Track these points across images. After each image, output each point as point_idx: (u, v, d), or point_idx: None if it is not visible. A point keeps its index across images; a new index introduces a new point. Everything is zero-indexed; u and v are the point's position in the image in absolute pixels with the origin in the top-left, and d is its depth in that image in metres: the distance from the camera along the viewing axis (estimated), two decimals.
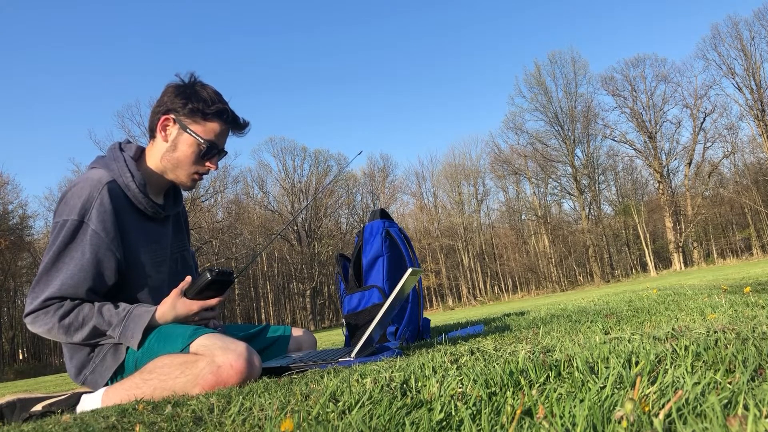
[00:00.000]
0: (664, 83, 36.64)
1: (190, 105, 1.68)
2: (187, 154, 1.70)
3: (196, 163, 1.72)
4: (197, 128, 1.69)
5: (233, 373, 1.42)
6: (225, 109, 1.73)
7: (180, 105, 1.68)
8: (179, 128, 1.69)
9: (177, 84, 1.73)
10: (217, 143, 1.73)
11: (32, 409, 1.53)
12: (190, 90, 1.70)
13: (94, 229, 1.55)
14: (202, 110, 1.68)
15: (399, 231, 2.47)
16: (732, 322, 1.28)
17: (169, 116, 1.69)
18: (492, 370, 0.91)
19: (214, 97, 1.71)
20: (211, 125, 1.71)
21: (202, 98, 1.69)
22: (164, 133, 1.70)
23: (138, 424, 0.93)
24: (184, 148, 1.70)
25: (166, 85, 1.74)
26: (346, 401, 0.84)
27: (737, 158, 36.64)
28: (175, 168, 1.72)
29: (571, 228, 40.88)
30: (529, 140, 39.79)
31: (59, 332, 1.52)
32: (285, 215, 40.87)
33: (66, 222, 1.55)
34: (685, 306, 2.16)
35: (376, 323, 1.66)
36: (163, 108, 1.70)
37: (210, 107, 1.69)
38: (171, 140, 1.70)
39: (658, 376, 0.76)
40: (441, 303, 42.50)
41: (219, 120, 1.72)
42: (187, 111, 1.68)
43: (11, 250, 29.60)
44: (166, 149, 1.71)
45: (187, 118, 1.69)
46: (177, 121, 1.69)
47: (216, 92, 1.74)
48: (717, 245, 37.87)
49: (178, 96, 1.69)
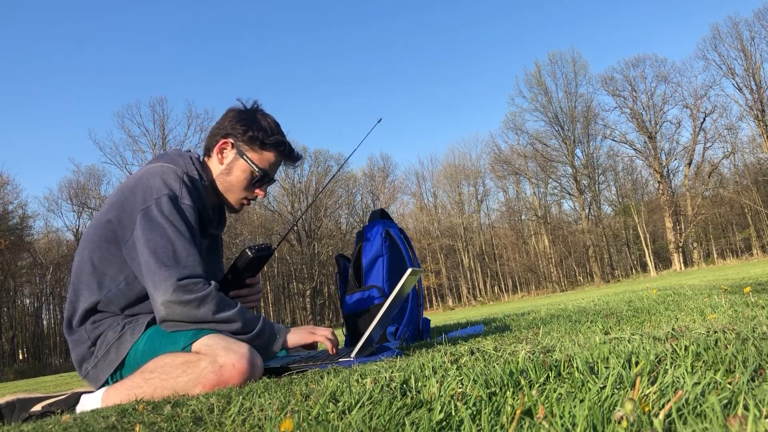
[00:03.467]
0: (664, 83, 36.68)
1: (251, 132, 1.72)
2: (240, 179, 1.74)
3: (247, 189, 1.77)
4: (254, 156, 1.74)
5: (235, 373, 1.42)
6: (283, 141, 1.77)
7: (240, 132, 1.72)
8: (236, 153, 1.73)
9: (239, 109, 1.77)
10: (270, 173, 1.77)
11: (32, 409, 1.53)
12: (252, 117, 1.75)
13: (188, 204, 1.57)
14: (261, 139, 1.73)
15: (399, 231, 2.47)
16: (732, 322, 1.28)
17: (228, 140, 1.73)
18: (492, 370, 0.91)
19: (274, 128, 1.76)
20: (268, 155, 1.75)
21: (262, 128, 1.73)
22: (221, 155, 1.75)
23: (138, 424, 0.93)
24: (238, 173, 1.74)
25: (228, 109, 1.78)
26: (346, 401, 0.84)
27: (737, 158, 36.69)
28: (227, 191, 1.76)
29: (571, 228, 40.88)
30: (529, 140, 39.82)
31: (212, 303, 1.48)
32: (285, 215, 40.87)
33: (160, 198, 1.53)
34: (685, 306, 2.16)
35: (376, 323, 1.66)
36: (223, 131, 1.74)
37: (269, 137, 1.73)
38: (226, 164, 1.74)
39: (658, 377, 0.76)
40: (441, 303, 42.50)
41: (275, 151, 1.76)
42: (247, 138, 1.72)
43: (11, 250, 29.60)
44: (220, 171, 1.75)
45: (245, 145, 1.73)
46: (235, 146, 1.73)
47: (276, 123, 1.78)
48: (717, 245, 37.86)
49: (240, 122, 1.73)
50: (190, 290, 1.47)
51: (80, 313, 1.61)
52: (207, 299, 1.48)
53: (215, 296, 1.49)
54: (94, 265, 1.61)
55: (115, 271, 1.60)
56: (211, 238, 1.86)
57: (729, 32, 34.26)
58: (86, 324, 1.61)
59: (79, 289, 1.63)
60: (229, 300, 1.55)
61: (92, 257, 1.62)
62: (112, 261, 1.60)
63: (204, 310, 1.48)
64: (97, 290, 1.60)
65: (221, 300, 1.51)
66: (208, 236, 1.81)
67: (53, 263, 34.71)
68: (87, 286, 1.62)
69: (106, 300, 1.60)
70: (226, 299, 1.53)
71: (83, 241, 1.67)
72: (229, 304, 1.53)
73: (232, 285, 1.79)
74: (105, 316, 1.62)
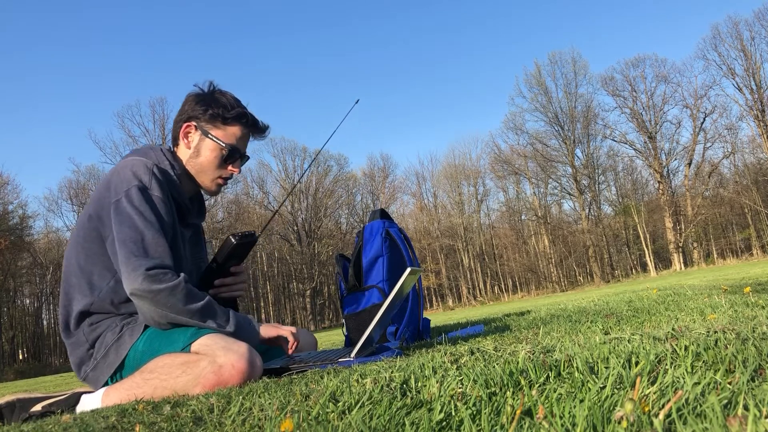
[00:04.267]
0: (664, 83, 36.65)
1: (211, 111, 1.73)
2: (210, 159, 1.74)
3: (220, 167, 1.77)
4: (218, 133, 1.74)
5: (235, 373, 1.42)
6: (244, 113, 1.77)
7: (201, 111, 1.73)
8: (201, 134, 1.74)
9: (197, 93, 1.79)
10: (239, 147, 1.77)
11: (32, 410, 1.53)
12: (210, 97, 1.76)
13: (158, 195, 1.57)
14: (222, 115, 1.73)
15: (399, 231, 2.47)
16: (732, 322, 1.28)
17: (191, 123, 1.74)
18: (492, 371, 0.91)
19: (233, 102, 1.76)
20: (232, 129, 1.76)
21: (221, 104, 1.74)
22: (187, 140, 1.75)
23: (138, 424, 0.93)
24: (207, 153, 1.74)
25: (187, 95, 1.79)
26: (346, 401, 0.84)
27: (737, 158, 36.66)
28: (199, 173, 1.76)
29: (571, 228, 40.86)
30: (529, 140, 39.80)
31: (181, 294, 1.48)
32: (285, 215, 40.86)
33: (129, 190, 1.54)
34: (685, 306, 2.16)
35: (376, 323, 1.66)
36: (184, 116, 1.75)
37: (229, 111, 1.74)
38: (194, 146, 1.75)
39: (658, 377, 0.76)
40: (441, 303, 42.49)
41: (239, 124, 1.76)
42: (208, 117, 1.73)
43: (11, 250, 29.59)
44: (189, 155, 1.75)
45: (208, 124, 1.74)
46: (198, 127, 1.74)
47: (235, 98, 1.79)
48: (717, 245, 37.85)
49: (199, 103, 1.74)
50: (159, 280, 1.46)
51: (75, 316, 1.61)
52: (176, 290, 1.48)
53: (184, 288, 1.49)
54: (81, 266, 1.61)
55: (101, 269, 1.60)
56: (194, 230, 1.86)
57: (729, 32, 34.28)
58: (83, 326, 1.61)
59: (70, 292, 1.63)
60: (198, 292, 1.54)
61: (78, 258, 1.62)
62: (97, 259, 1.60)
63: (173, 300, 1.47)
64: (88, 292, 1.60)
65: (190, 291, 1.51)
66: (191, 227, 1.81)
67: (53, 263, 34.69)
68: (78, 289, 1.61)
69: (99, 301, 1.60)
70: (195, 291, 1.53)
71: (69, 243, 1.69)
72: (198, 295, 1.53)
73: (217, 273, 1.78)
74: (101, 318, 1.61)
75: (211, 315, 1.54)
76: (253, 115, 1.81)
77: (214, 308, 1.56)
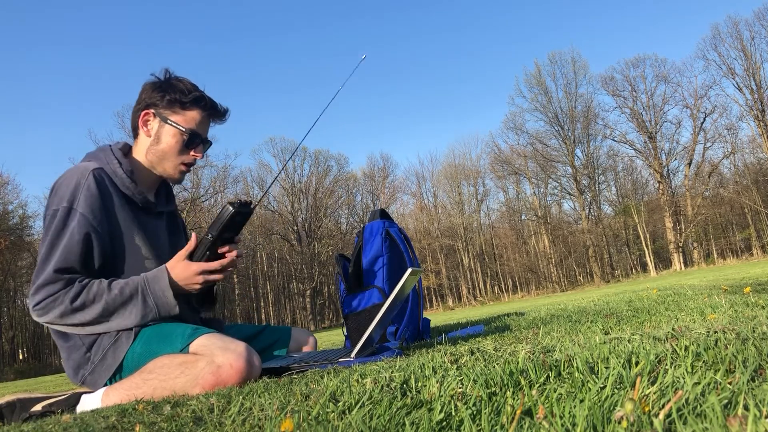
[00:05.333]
0: (664, 83, 36.64)
1: (168, 96, 1.72)
2: (171, 145, 1.73)
3: (181, 153, 1.75)
4: (177, 118, 1.73)
5: (233, 373, 1.42)
6: (202, 96, 1.76)
7: (158, 98, 1.72)
8: (160, 121, 1.73)
9: (153, 81, 1.77)
10: (199, 131, 1.76)
11: (32, 409, 1.52)
12: (166, 84, 1.75)
13: (81, 212, 1.57)
14: (180, 100, 1.72)
15: (399, 231, 2.47)
16: (732, 322, 1.28)
17: (149, 111, 1.73)
18: (492, 370, 0.91)
19: (190, 87, 1.75)
20: (191, 114, 1.74)
21: (179, 89, 1.73)
22: (146, 127, 1.74)
23: (138, 424, 0.93)
24: (167, 138, 1.73)
25: (143, 84, 1.78)
26: (346, 401, 0.84)
27: (737, 158, 36.64)
28: (161, 161, 1.75)
29: (571, 228, 40.87)
30: (529, 140, 39.80)
31: (72, 315, 1.51)
32: (285, 215, 40.87)
33: (57, 211, 1.56)
34: (685, 306, 2.16)
35: (376, 323, 1.66)
36: (142, 104, 1.74)
37: (187, 96, 1.73)
38: (154, 134, 1.74)
39: (658, 376, 0.76)
40: (441, 303, 42.49)
41: (197, 108, 1.75)
42: (166, 103, 1.72)
43: (11, 250, 29.59)
44: (150, 143, 1.74)
45: (166, 110, 1.73)
46: (157, 114, 1.73)
47: (191, 83, 1.78)
48: (717, 245, 37.84)
49: (155, 90, 1.73)
50: (47, 310, 1.51)
51: None
52: (66, 312, 1.50)
53: (70, 307, 1.50)
54: None
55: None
56: (170, 219, 1.86)
57: (729, 32, 34.26)
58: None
59: None
60: (99, 290, 1.53)
61: None
62: None
63: (73, 319, 1.51)
64: None
65: (83, 303, 1.51)
66: (163, 215, 1.81)
67: None
68: None
69: None
70: (91, 295, 1.52)
71: None
72: (96, 296, 1.52)
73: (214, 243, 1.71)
74: None
75: (111, 312, 1.54)
76: (211, 99, 1.80)
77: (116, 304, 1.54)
